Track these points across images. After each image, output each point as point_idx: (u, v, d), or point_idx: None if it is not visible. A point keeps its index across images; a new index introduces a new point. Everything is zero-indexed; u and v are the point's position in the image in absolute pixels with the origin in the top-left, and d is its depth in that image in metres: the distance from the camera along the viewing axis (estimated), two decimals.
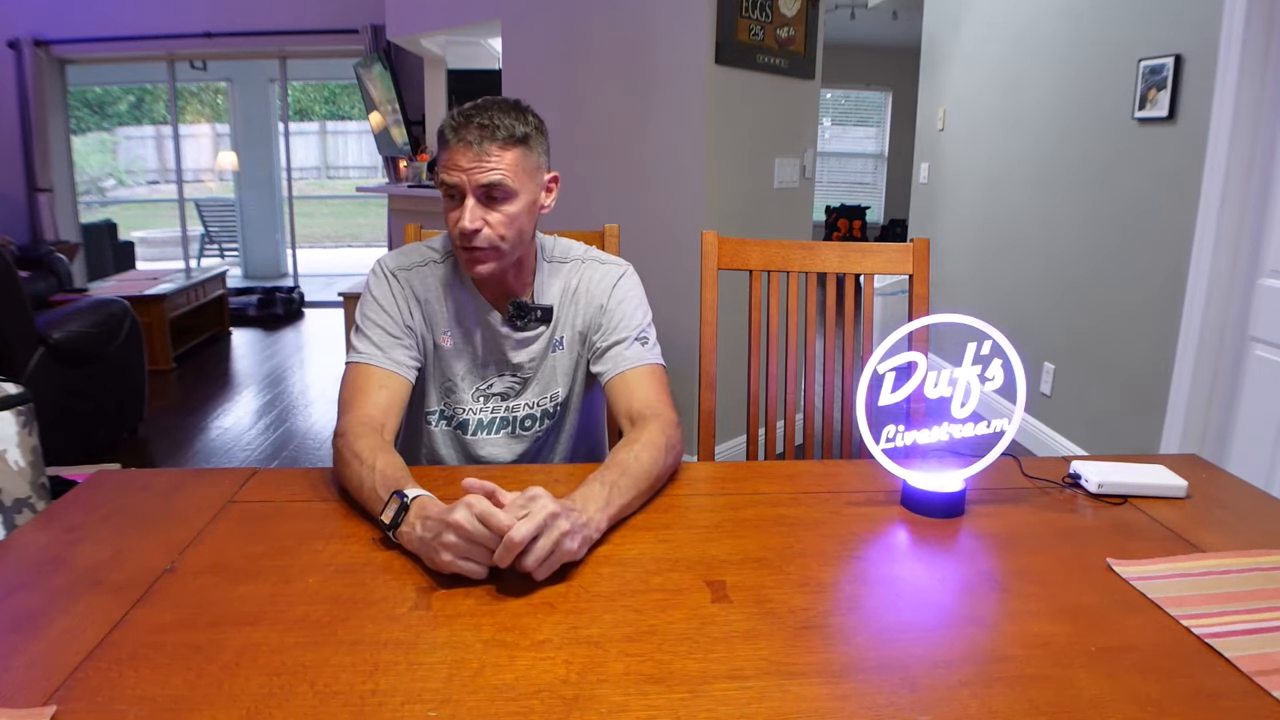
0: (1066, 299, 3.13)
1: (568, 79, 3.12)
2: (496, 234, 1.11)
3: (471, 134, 1.07)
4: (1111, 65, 2.83)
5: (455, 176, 1.09)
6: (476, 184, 1.09)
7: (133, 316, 3.36)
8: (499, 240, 1.12)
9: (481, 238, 1.11)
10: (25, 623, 0.73)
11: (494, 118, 1.08)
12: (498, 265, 1.15)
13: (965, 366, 0.99)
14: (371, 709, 0.63)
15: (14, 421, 1.47)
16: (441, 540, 0.80)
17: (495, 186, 1.09)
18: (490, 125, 1.08)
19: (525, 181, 1.12)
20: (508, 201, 1.11)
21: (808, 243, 1.51)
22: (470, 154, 1.08)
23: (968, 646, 0.73)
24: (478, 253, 1.13)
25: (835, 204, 8.64)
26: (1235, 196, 2.33)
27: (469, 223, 1.09)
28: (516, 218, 1.12)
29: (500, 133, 1.08)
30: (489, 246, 1.12)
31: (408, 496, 0.87)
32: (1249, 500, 1.09)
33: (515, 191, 1.11)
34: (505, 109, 1.10)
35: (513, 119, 1.10)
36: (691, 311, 1.89)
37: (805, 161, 3.17)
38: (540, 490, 0.83)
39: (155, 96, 9.32)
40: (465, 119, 1.08)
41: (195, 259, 8.28)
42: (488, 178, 1.08)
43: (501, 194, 1.10)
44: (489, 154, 1.08)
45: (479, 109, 1.10)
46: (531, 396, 1.29)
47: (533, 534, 0.78)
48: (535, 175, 1.15)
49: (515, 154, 1.10)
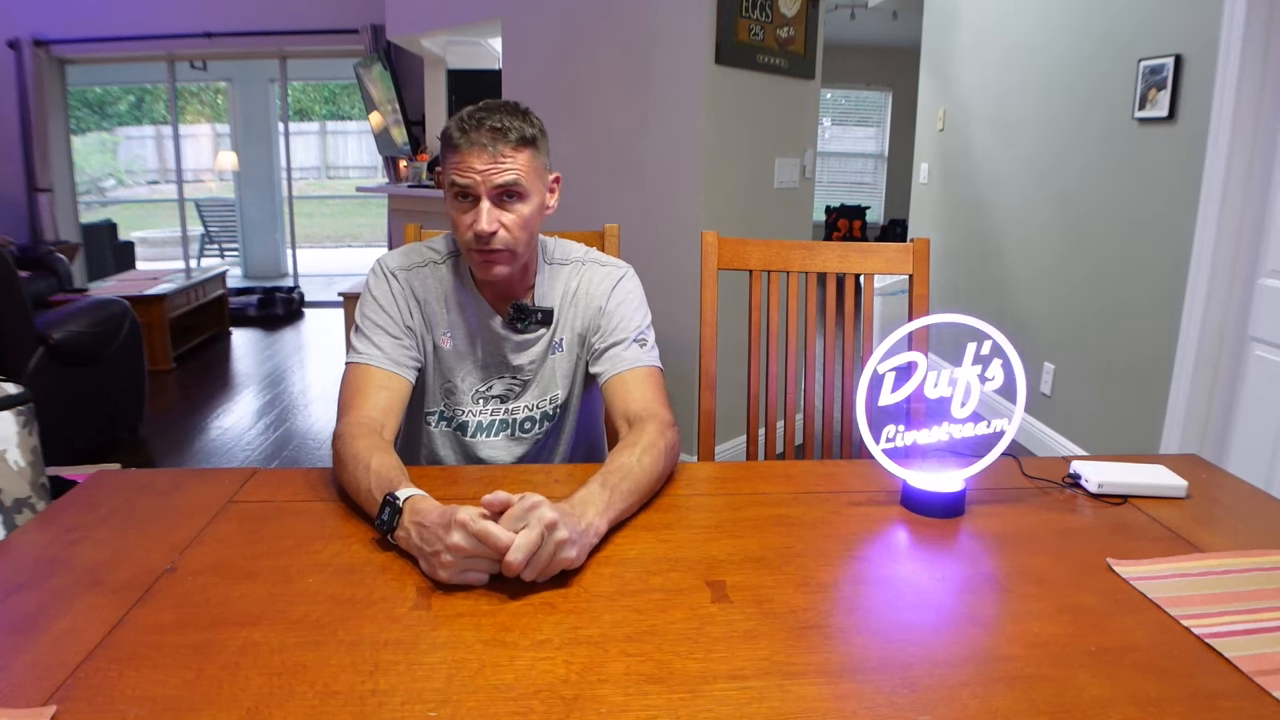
0: (1066, 299, 3.13)
1: (568, 79, 3.12)
2: (512, 235, 1.12)
3: (485, 137, 1.08)
4: (1111, 65, 2.83)
5: (469, 178, 1.09)
6: (492, 185, 1.09)
7: (133, 316, 3.36)
8: (513, 242, 1.13)
9: (498, 240, 1.11)
10: (25, 623, 0.73)
11: (504, 120, 1.09)
12: (511, 267, 1.16)
13: (965, 366, 0.99)
14: (371, 709, 0.63)
15: (14, 421, 1.47)
16: (440, 560, 0.80)
17: (511, 186, 1.10)
18: (502, 128, 1.09)
19: (535, 182, 1.14)
20: (521, 202, 1.12)
21: (808, 243, 1.51)
22: (485, 156, 1.08)
23: (968, 646, 0.73)
24: (494, 255, 1.13)
25: (835, 204, 8.64)
26: (1235, 196, 2.33)
27: (486, 225, 1.09)
28: (530, 219, 1.14)
29: (512, 134, 1.09)
30: (504, 248, 1.13)
31: (399, 499, 0.87)
32: (1249, 500, 1.09)
33: (528, 192, 1.12)
34: (512, 112, 1.12)
35: (521, 121, 1.11)
36: (691, 311, 1.89)
37: (805, 161, 3.17)
38: (538, 498, 0.82)
39: (155, 96, 9.32)
40: (477, 122, 1.09)
41: (195, 259, 8.28)
42: (503, 178, 1.09)
43: (516, 195, 1.11)
44: (504, 155, 1.09)
45: (488, 111, 1.10)
46: (531, 399, 1.29)
47: (531, 550, 0.78)
48: (543, 176, 1.16)
49: (526, 155, 1.11)
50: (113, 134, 9.74)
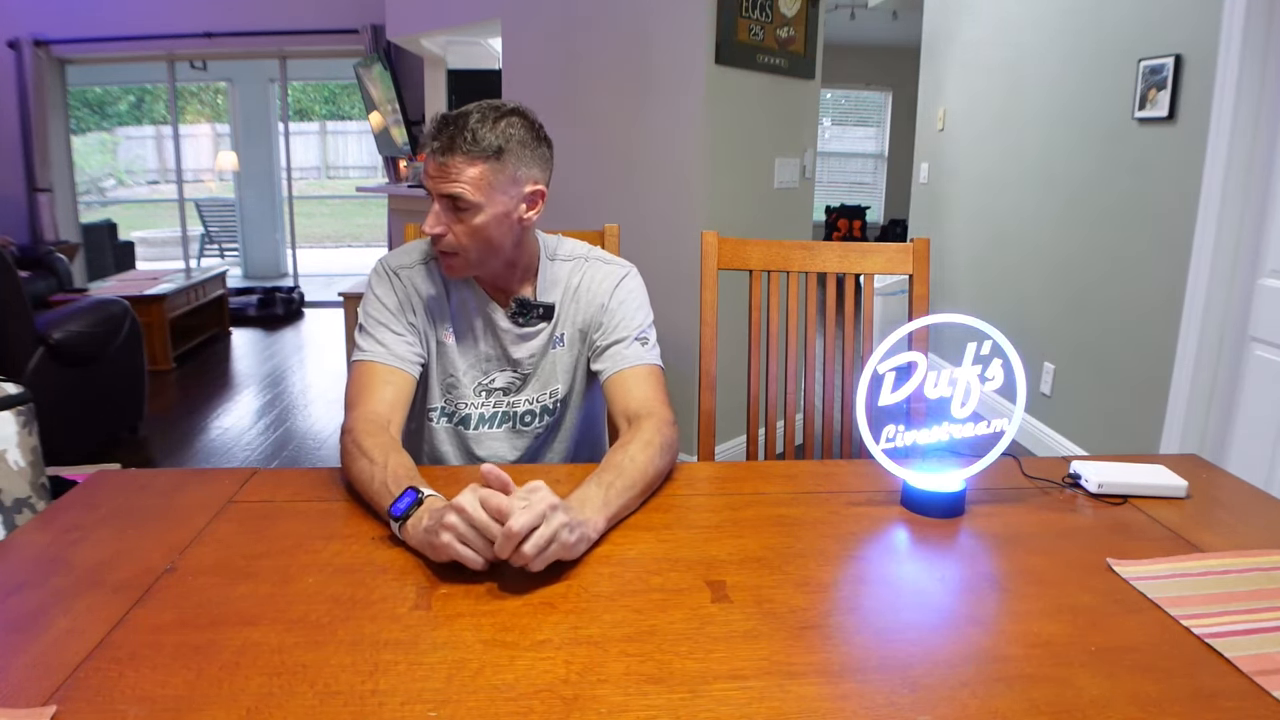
0: (1067, 299, 3.13)
1: (568, 79, 3.12)
2: (459, 241, 1.13)
3: (439, 143, 1.09)
4: (1111, 65, 2.83)
5: (426, 181, 1.13)
6: (439, 192, 1.11)
7: (133, 316, 3.36)
8: (460, 247, 1.14)
9: (445, 243, 1.14)
10: (25, 623, 0.73)
11: (465, 131, 1.08)
12: (465, 269, 1.18)
13: (965, 366, 0.99)
14: (371, 709, 0.63)
15: (14, 421, 1.47)
16: (444, 521, 0.80)
17: (456, 199, 1.11)
18: (459, 137, 1.08)
19: (492, 195, 1.11)
20: (470, 213, 1.12)
21: (808, 243, 1.51)
22: (434, 163, 1.10)
23: (968, 646, 0.73)
24: (443, 256, 1.17)
25: (835, 204, 8.64)
26: (1235, 196, 2.33)
27: (429, 226, 1.13)
28: (480, 229, 1.13)
29: (467, 145, 1.08)
30: (451, 251, 1.15)
31: (422, 494, 0.89)
32: (1249, 500, 1.09)
33: (479, 205, 1.11)
34: (485, 120, 1.10)
35: (490, 130, 1.09)
36: (691, 311, 1.89)
37: (805, 161, 3.17)
38: (540, 483, 0.84)
39: (155, 96, 9.32)
40: (437, 128, 1.10)
41: (195, 259, 8.28)
42: (448, 189, 1.10)
43: (463, 205, 1.11)
44: (451, 166, 1.09)
45: (456, 118, 1.10)
46: (532, 392, 1.29)
47: (532, 524, 0.79)
48: (508, 188, 1.13)
49: (481, 169, 1.09)
50: (113, 134, 9.74)
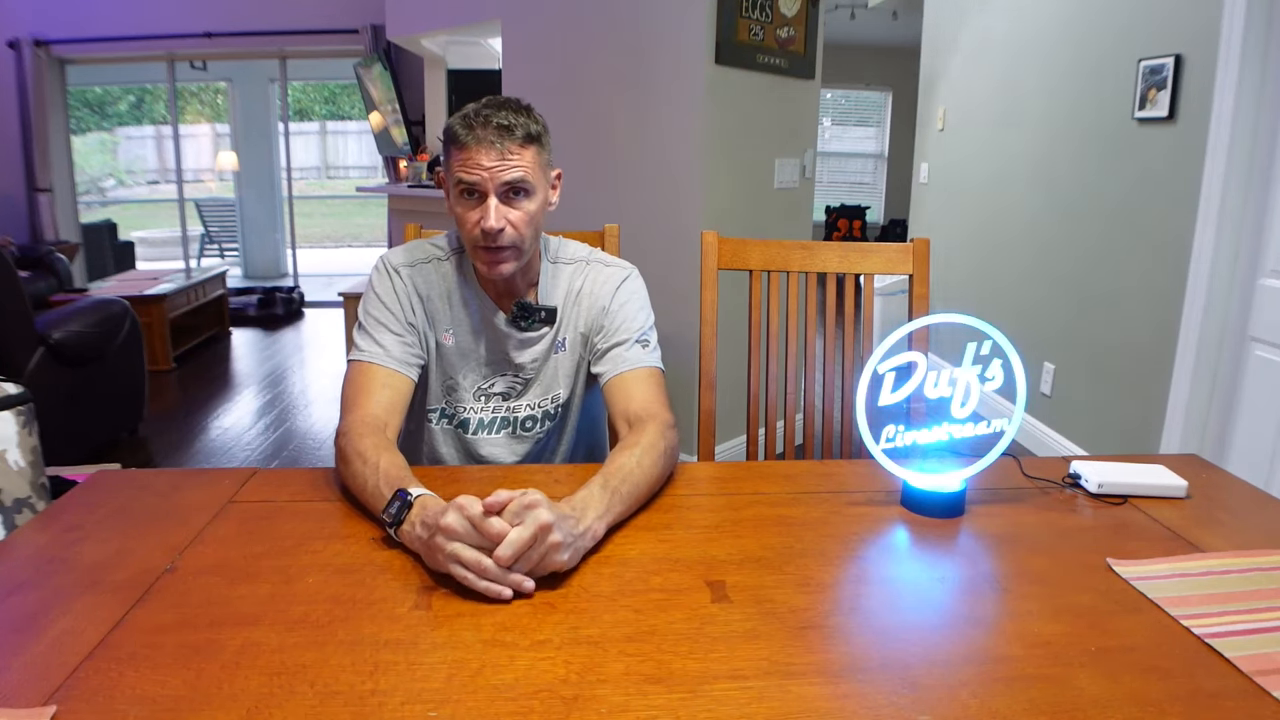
0: (1067, 298, 3.13)
1: (568, 79, 3.12)
2: (518, 232, 1.13)
3: (492, 134, 1.08)
4: (1111, 65, 2.83)
5: (476, 175, 1.10)
6: (500, 182, 1.10)
7: (133, 316, 3.36)
8: (519, 239, 1.14)
9: (505, 237, 1.12)
10: (25, 623, 0.73)
11: (510, 117, 1.10)
12: (517, 264, 1.17)
13: (965, 366, 0.99)
14: (371, 709, 0.63)
15: (14, 421, 1.47)
16: (434, 543, 0.80)
17: (518, 184, 1.11)
18: (509, 125, 1.09)
19: (540, 179, 1.15)
20: (528, 199, 1.13)
21: (808, 243, 1.51)
22: (494, 153, 1.09)
23: (968, 646, 0.73)
24: (501, 252, 1.14)
25: (835, 204, 8.63)
26: (1235, 196, 2.33)
27: (494, 221, 1.10)
28: (535, 216, 1.15)
29: (518, 131, 1.10)
30: (511, 245, 1.13)
31: (411, 495, 0.87)
32: (1249, 500, 1.09)
33: (534, 189, 1.13)
34: (516, 109, 1.12)
35: (526, 118, 1.12)
36: (691, 311, 1.89)
37: (805, 161, 3.17)
38: (538, 497, 0.81)
39: (155, 96, 9.31)
40: (484, 120, 1.09)
41: (195, 259, 8.28)
42: (511, 175, 1.10)
43: (523, 192, 1.12)
44: (511, 152, 1.09)
45: (494, 108, 1.10)
46: (533, 397, 1.29)
47: (522, 549, 0.78)
48: (546, 173, 1.17)
49: (532, 152, 1.12)
50: (113, 134, 9.73)
